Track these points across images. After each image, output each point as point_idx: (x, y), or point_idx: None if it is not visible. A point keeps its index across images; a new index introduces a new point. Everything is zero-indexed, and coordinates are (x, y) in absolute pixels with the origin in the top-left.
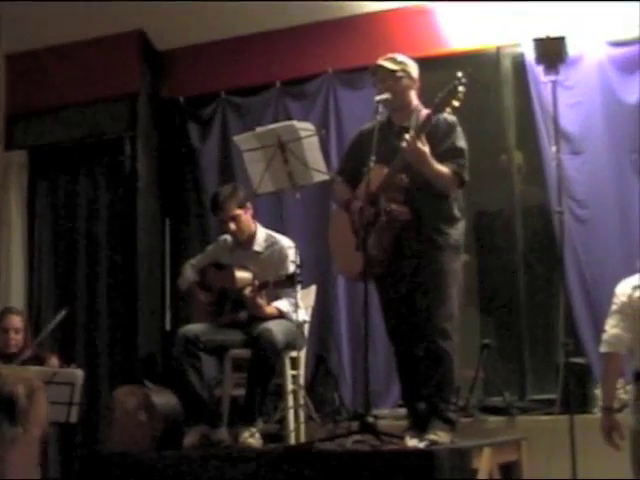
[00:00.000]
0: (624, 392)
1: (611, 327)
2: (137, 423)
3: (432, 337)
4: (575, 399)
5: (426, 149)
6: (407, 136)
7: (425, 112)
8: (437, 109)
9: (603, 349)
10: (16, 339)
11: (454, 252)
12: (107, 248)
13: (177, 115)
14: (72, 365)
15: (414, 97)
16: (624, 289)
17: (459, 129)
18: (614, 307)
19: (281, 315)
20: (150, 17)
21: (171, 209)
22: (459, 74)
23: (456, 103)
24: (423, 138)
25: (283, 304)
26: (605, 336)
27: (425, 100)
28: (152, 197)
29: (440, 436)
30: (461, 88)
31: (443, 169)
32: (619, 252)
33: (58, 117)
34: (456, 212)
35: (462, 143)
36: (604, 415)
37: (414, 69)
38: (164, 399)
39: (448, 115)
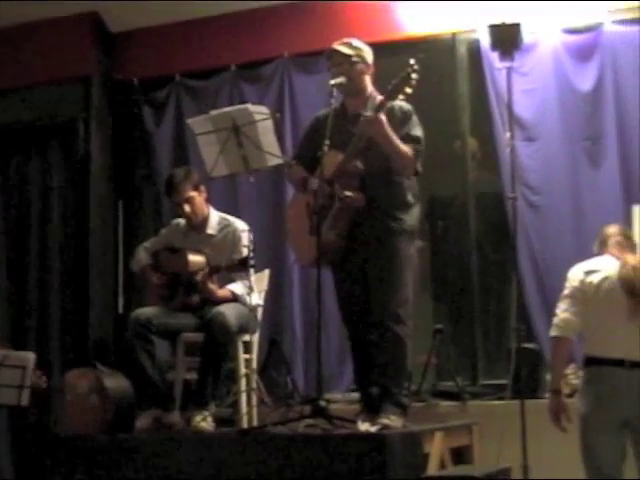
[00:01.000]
0: (575, 377)
1: (562, 311)
2: (89, 406)
3: (386, 322)
4: (526, 384)
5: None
6: (366, 113)
7: (380, 99)
8: (390, 96)
9: (553, 333)
10: None
11: (409, 238)
12: (59, 230)
13: (131, 98)
14: None
15: (369, 83)
16: (576, 274)
17: (415, 117)
18: (566, 291)
19: (234, 298)
20: None
21: (124, 192)
22: (412, 61)
23: (409, 90)
24: (382, 115)
25: (237, 287)
26: (555, 320)
27: (380, 85)
28: (105, 179)
29: (392, 420)
30: (414, 75)
31: (404, 146)
32: (571, 238)
33: (11, 98)
34: (410, 198)
35: (418, 131)
36: (552, 397)
37: (369, 54)
38: (116, 382)
39: (404, 103)
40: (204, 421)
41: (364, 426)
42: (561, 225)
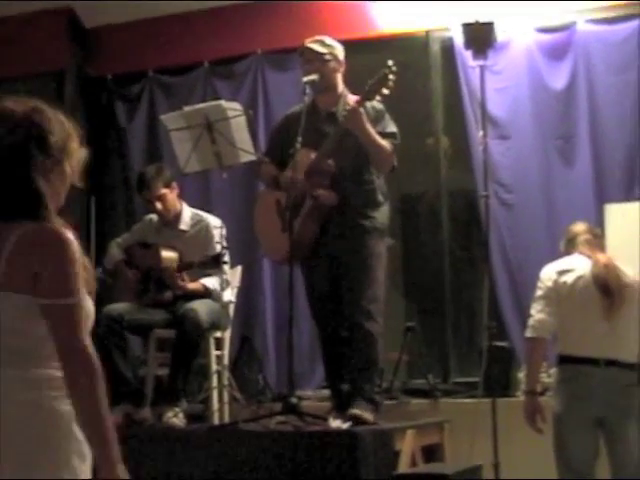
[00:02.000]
0: (547, 376)
1: (537, 312)
2: None
3: (357, 319)
4: (498, 382)
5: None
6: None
7: (352, 98)
8: (367, 97)
9: (528, 334)
10: None
11: (379, 235)
12: None
13: (104, 93)
14: None
15: (340, 80)
16: (549, 274)
17: (387, 116)
18: (539, 292)
19: (206, 293)
20: None
21: (97, 187)
22: (389, 62)
23: (386, 91)
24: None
25: (211, 281)
26: (531, 321)
27: (353, 83)
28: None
29: (363, 411)
30: (391, 76)
31: (382, 140)
32: (544, 236)
33: None
34: (380, 197)
35: (393, 128)
36: (527, 398)
37: (341, 52)
38: None
39: (376, 103)
40: (175, 417)
41: (335, 423)
42: (533, 223)
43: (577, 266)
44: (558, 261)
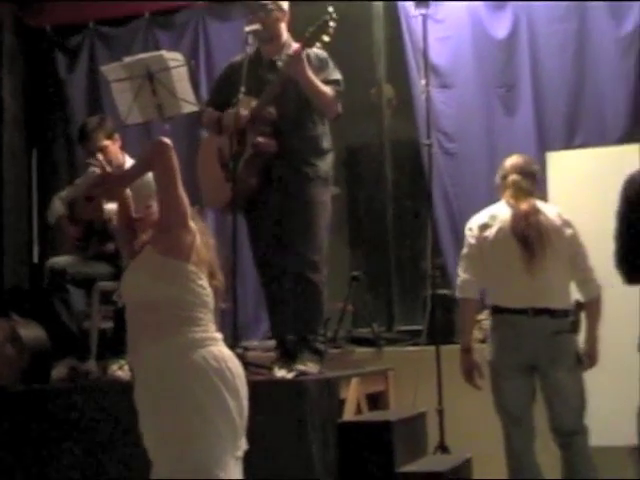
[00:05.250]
0: (488, 323)
1: (462, 272)
2: (4, 356)
3: (301, 269)
4: (441, 330)
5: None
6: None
7: (295, 46)
8: (307, 44)
9: (457, 294)
10: None
11: (323, 184)
12: None
13: (44, 44)
14: None
15: (284, 30)
16: (472, 230)
17: (331, 63)
18: (464, 250)
19: None
20: None
21: (38, 140)
22: (330, 9)
23: (326, 38)
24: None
25: None
26: (458, 281)
27: (294, 32)
28: (18, 128)
29: (309, 366)
30: (332, 23)
31: (325, 87)
32: (486, 185)
33: None
34: (325, 144)
35: (337, 75)
36: (463, 357)
37: (285, 2)
38: (31, 332)
39: (319, 51)
40: (120, 369)
41: (280, 373)
42: (476, 171)
43: (499, 217)
44: (482, 212)
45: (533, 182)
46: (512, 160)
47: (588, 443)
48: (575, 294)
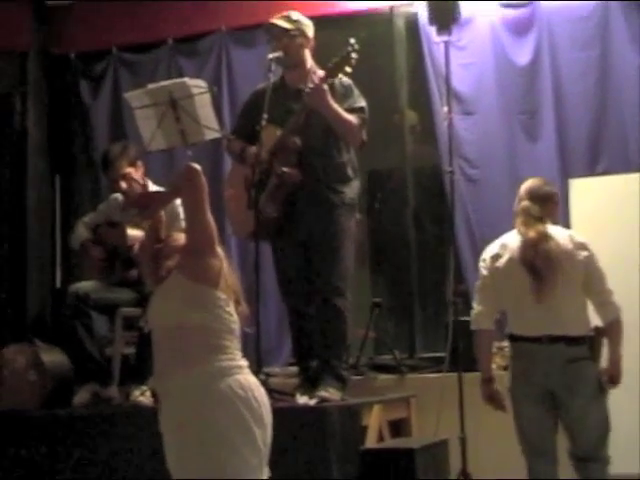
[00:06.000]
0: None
1: (476, 304)
2: (26, 382)
3: (326, 295)
4: (463, 357)
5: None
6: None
7: (321, 74)
8: (329, 75)
9: (471, 327)
10: None
11: (349, 211)
12: None
13: (68, 71)
14: None
15: (308, 57)
16: (485, 261)
17: (356, 91)
18: (478, 282)
19: None
20: None
21: (62, 166)
22: (352, 40)
23: (348, 69)
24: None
25: None
26: (471, 314)
27: (317, 59)
28: (42, 154)
29: (331, 393)
30: (354, 55)
31: (348, 115)
32: (508, 212)
33: None
34: (350, 172)
35: (362, 102)
36: (484, 387)
37: (309, 28)
38: (54, 357)
39: (343, 78)
40: (142, 396)
41: (303, 399)
42: (498, 198)
43: (508, 247)
44: (495, 242)
45: (545, 205)
46: (526, 184)
47: (606, 472)
48: (594, 319)
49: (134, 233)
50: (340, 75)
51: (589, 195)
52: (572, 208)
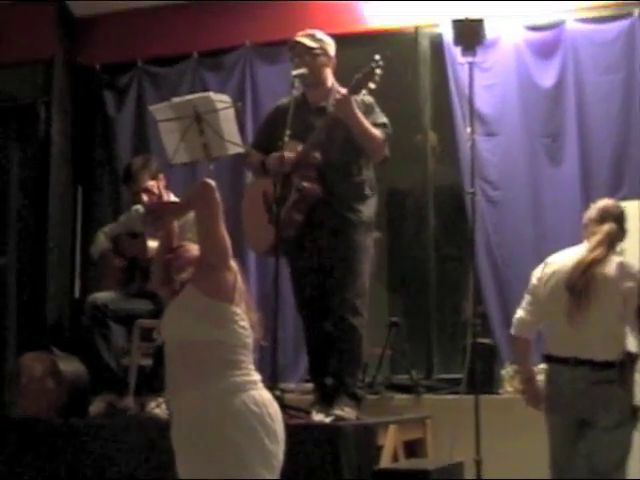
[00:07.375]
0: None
1: (520, 309)
2: (44, 390)
3: (342, 313)
4: (481, 379)
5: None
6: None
7: (343, 91)
8: (353, 90)
9: (512, 331)
10: None
11: (366, 229)
12: (18, 214)
13: (93, 83)
14: None
15: (330, 75)
16: (540, 267)
17: (377, 108)
18: (529, 287)
19: None
20: None
21: (84, 177)
22: (377, 57)
23: (372, 85)
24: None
25: None
26: (514, 318)
27: (341, 78)
28: (65, 164)
29: (346, 411)
30: (378, 71)
31: (373, 129)
32: (529, 234)
33: None
34: (367, 190)
35: (383, 119)
36: (526, 386)
37: (331, 47)
38: (71, 366)
39: (365, 96)
40: (158, 407)
41: (318, 417)
42: (519, 220)
43: (561, 259)
44: (560, 253)
45: (613, 225)
46: (597, 204)
47: None
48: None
49: (154, 245)
50: (364, 91)
51: None
52: None
